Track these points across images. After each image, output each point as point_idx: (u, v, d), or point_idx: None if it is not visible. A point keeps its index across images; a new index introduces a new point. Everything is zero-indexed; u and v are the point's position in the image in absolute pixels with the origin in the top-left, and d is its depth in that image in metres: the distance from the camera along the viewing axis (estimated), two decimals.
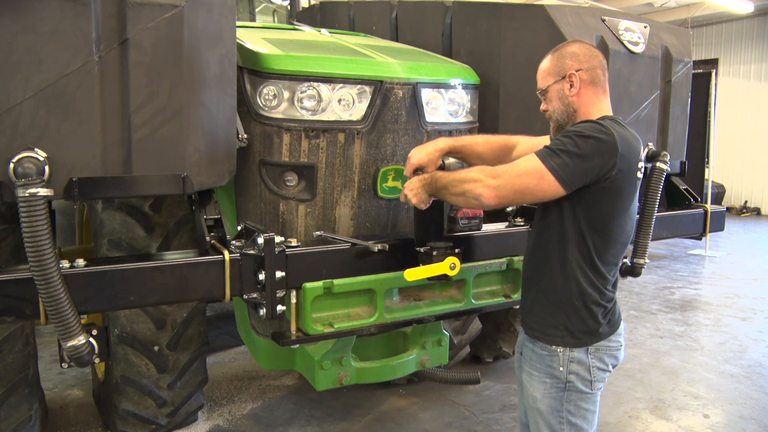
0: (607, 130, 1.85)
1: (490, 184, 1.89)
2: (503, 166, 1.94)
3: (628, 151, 1.86)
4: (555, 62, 2.03)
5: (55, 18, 1.81)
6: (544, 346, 2.00)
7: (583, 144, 1.82)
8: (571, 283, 1.95)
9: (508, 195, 1.90)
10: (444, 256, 2.34)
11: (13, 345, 2.70)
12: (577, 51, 2.02)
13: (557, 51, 2.05)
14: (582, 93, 1.99)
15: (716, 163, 10.37)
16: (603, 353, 2.00)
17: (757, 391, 3.99)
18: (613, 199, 1.90)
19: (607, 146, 1.82)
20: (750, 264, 7.88)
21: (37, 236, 1.74)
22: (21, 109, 1.81)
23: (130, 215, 2.74)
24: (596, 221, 1.91)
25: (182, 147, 2.08)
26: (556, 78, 2.02)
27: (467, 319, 3.65)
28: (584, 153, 1.81)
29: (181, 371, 3.02)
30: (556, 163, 1.82)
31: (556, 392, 1.99)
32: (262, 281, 2.19)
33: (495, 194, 1.90)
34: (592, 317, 1.96)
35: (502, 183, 1.88)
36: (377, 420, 3.56)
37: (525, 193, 1.89)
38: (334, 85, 2.53)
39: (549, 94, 2.05)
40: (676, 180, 3.64)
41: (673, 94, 3.34)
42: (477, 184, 1.92)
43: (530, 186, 1.86)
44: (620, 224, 1.95)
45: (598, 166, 1.82)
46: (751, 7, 11.13)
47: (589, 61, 2.00)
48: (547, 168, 1.82)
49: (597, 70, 2.00)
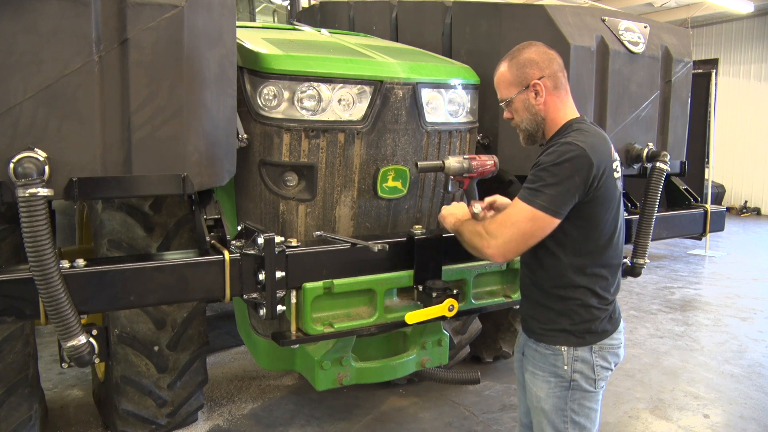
0: (576, 146, 1.86)
1: (492, 245, 1.93)
2: (496, 222, 1.95)
3: (601, 156, 1.88)
4: (515, 71, 2.03)
5: (55, 18, 1.81)
6: (547, 345, 2.01)
7: (559, 171, 1.84)
8: (570, 290, 1.96)
9: (512, 248, 1.92)
10: (443, 298, 2.42)
11: (13, 345, 2.70)
12: (535, 57, 2.01)
13: (515, 58, 2.04)
14: (548, 100, 2.00)
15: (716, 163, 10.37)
16: (606, 351, 2.01)
17: (757, 391, 3.99)
18: (598, 203, 1.91)
19: (581, 161, 1.84)
20: (750, 264, 7.87)
21: (37, 236, 1.74)
22: (21, 109, 1.81)
23: (130, 215, 2.74)
24: (585, 225, 1.93)
25: (182, 147, 2.08)
26: (520, 88, 2.02)
27: (467, 319, 3.65)
28: (563, 178, 1.84)
29: (181, 371, 3.02)
30: (543, 201, 1.85)
31: (560, 391, 1.99)
32: (262, 281, 2.19)
33: (500, 252, 1.93)
34: (594, 318, 1.97)
35: (501, 241, 1.91)
36: (377, 420, 3.56)
37: (527, 240, 1.91)
38: (334, 85, 2.53)
39: (514, 105, 2.06)
40: (676, 180, 3.64)
41: (673, 94, 3.34)
42: (483, 244, 1.96)
43: (528, 232, 1.88)
44: (608, 222, 1.95)
45: (580, 183, 1.85)
46: (751, 7, 11.12)
47: (549, 66, 2.01)
48: (536, 209, 1.85)
49: (558, 74, 2.01)
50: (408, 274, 2.52)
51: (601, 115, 3.06)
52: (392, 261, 2.47)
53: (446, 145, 2.83)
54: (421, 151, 2.74)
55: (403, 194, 2.74)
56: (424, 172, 2.68)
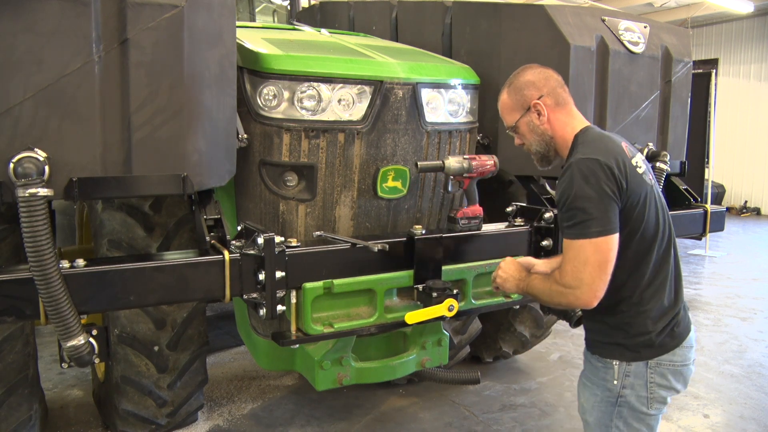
0: (586, 159, 1.80)
1: (580, 296, 1.80)
2: (567, 272, 1.81)
3: (616, 157, 1.82)
4: (514, 96, 2.02)
5: (55, 18, 1.81)
6: (600, 358, 1.93)
7: (588, 192, 1.76)
8: (621, 302, 1.88)
9: (599, 285, 1.79)
10: (443, 298, 2.42)
11: (13, 345, 2.70)
12: (532, 79, 2.00)
13: (512, 84, 2.04)
14: (552, 118, 1.98)
15: (716, 163, 10.36)
16: (666, 368, 1.88)
17: (757, 391, 3.99)
18: (633, 203, 1.83)
19: (599, 170, 1.77)
20: (750, 264, 7.87)
21: (37, 236, 1.74)
22: (21, 109, 1.81)
23: (130, 215, 2.74)
24: (627, 229, 1.83)
25: (182, 147, 2.08)
26: (522, 112, 2.00)
27: (467, 319, 3.65)
28: (597, 194, 1.76)
29: (181, 371, 3.02)
30: (594, 227, 1.75)
31: (606, 406, 1.92)
32: (262, 281, 2.18)
33: (592, 297, 1.80)
34: (649, 331, 1.86)
35: (587, 287, 1.78)
36: (377, 420, 3.56)
37: (605, 269, 1.79)
38: (334, 85, 2.53)
39: (520, 129, 2.04)
40: (676, 180, 3.64)
41: (673, 94, 3.34)
42: (571, 300, 1.83)
43: (602, 262, 1.77)
44: (646, 221, 1.86)
45: (612, 188, 1.77)
46: (751, 7, 11.12)
47: (546, 84, 1.99)
48: (593, 238, 1.75)
49: (557, 90, 1.99)
50: (408, 274, 2.51)
51: (601, 115, 3.06)
52: (392, 261, 2.47)
53: (446, 145, 2.83)
54: (421, 151, 2.74)
55: (403, 194, 2.74)
56: (424, 172, 2.68)
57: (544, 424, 3.51)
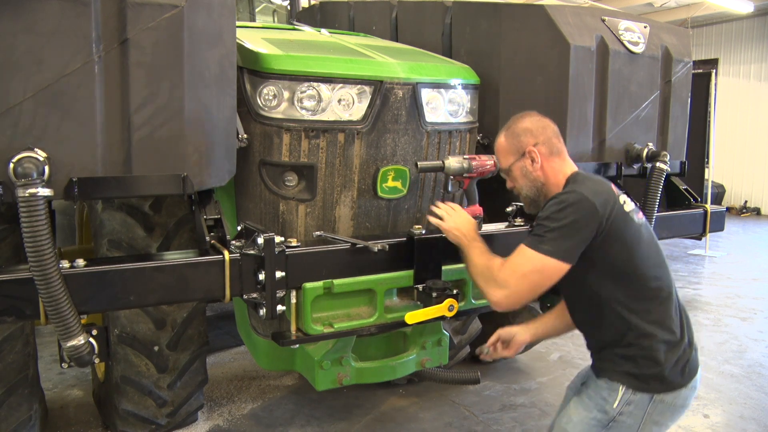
0: (575, 192, 1.87)
1: (499, 294, 1.92)
2: (505, 270, 1.92)
3: (603, 197, 1.88)
4: (511, 141, 2.08)
5: (55, 18, 1.81)
6: (607, 381, 1.94)
7: (563, 215, 1.84)
8: (629, 335, 1.90)
9: (519, 300, 1.92)
10: (443, 298, 2.42)
11: (13, 345, 2.70)
12: (529, 126, 2.07)
13: (510, 129, 2.10)
14: (545, 165, 2.04)
15: (716, 163, 10.36)
16: (666, 407, 1.91)
17: (757, 391, 3.99)
18: (617, 242, 1.88)
19: (582, 204, 1.84)
20: (750, 264, 7.87)
21: (37, 236, 1.74)
22: (21, 109, 1.81)
23: (130, 215, 2.74)
24: (616, 268, 1.90)
25: (182, 147, 2.08)
26: (516, 156, 2.07)
27: (467, 319, 3.65)
28: (568, 222, 1.83)
29: (181, 371, 3.02)
30: (551, 246, 1.84)
31: (595, 426, 1.92)
32: (262, 281, 2.18)
33: (507, 304, 1.93)
34: (659, 362, 1.88)
35: (509, 292, 1.90)
36: (377, 420, 3.56)
37: (535, 290, 1.90)
38: (334, 85, 2.53)
39: (513, 173, 2.11)
40: (676, 180, 3.64)
41: (673, 94, 3.34)
42: (490, 290, 1.95)
43: (537, 281, 1.87)
44: (639, 257, 1.91)
45: (584, 226, 1.83)
46: (751, 7, 11.12)
47: (543, 132, 2.05)
48: (543, 254, 1.84)
49: (552, 140, 2.06)
50: (408, 274, 2.51)
51: (601, 115, 3.06)
52: (392, 261, 2.47)
53: (446, 145, 2.83)
54: (421, 151, 2.74)
55: (403, 194, 2.74)
56: (424, 172, 2.68)
57: (544, 424, 3.51)
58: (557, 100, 2.93)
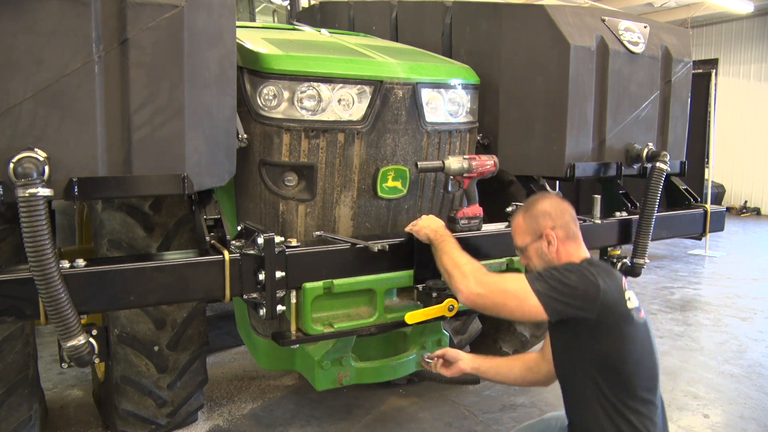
0: (587, 269, 1.95)
1: (473, 291, 1.98)
2: (493, 276, 2.02)
3: (610, 285, 1.91)
4: (529, 222, 2.12)
5: (55, 18, 1.81)
6: None
7: (567, 276, 1.91)
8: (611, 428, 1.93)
9: (486, 305, 1.99)
10: (443, 298, 2.42)
11: (13, 345, 2.70)
12: (548, 209, 2.11)
13: (529, 210, 2.14)
14: (560, 248, 2.08)
15: (716, 163, 10.36)
16: None
17: (757, 391, 3.99)
18: (612, 336, 1.90)
19: (590, 279, 1.90)
20: (750, 264, 7.87)
21: (37, 236, 1.74)
22: (21, 109, 1.81)
23: (130, 215, 2.74)
24: (608, 363, 1.91)
25: (182, 147, 2.08)
26: (534, 237, 2.11)
27: (467, 319, 3.65)
28: (568, 282, 1.89)
29: (181, 371, 3.02)
30: (542, 287, 1.89)
31: None
32: (262, 281, 2.19)
33: (472, 301, 1.99)
34: None
35: (484, 293, 1.97)
36: (377, 420, 3.56)
37: (503, 308, 1.97)
38: (334, 85, 2.53)
39: (528, 252, 2.14)
40: (676, 180, 3.64)
41: (673, 94, 3.34)
42: (462, 281, 2.02)
43: (510, 304, 1.94)
44: (633, 361, 1.93)
45: (582, 298, 1.87)
46: (751, 7, 11.12)
47: (561, 217, 2.09)
48: (533, 289, 1.89)
49: (569, 225, 2.10)
50: (408, 274, 2.52)
51: (601, 115, 3.06)
52: (392, 261, 2.47)
53: (446, 145, 2.83)
54: (421, 151, 2.74)
55: (403, 194, 2.74)
56: (424, 172, 2.68)
57: None
58: (557, 100, 2.93)
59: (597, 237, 3.07)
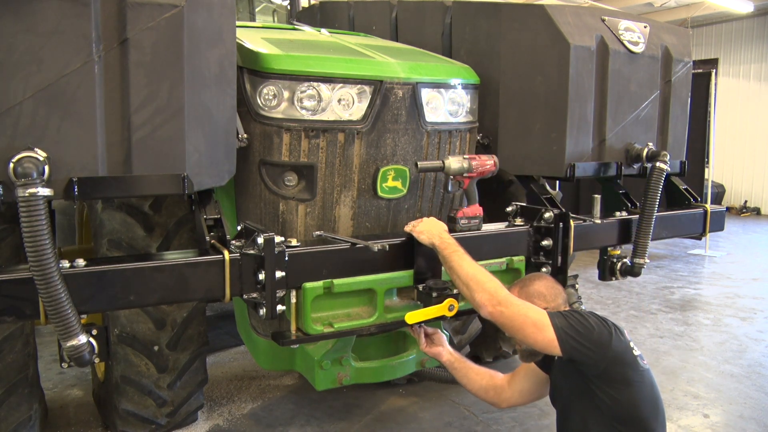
0: (602, 319, 2.04)
1: (496, 308, 2.03)
2: (517, 300, 2.06)
3: (619, 336, 2.01)
4: (524, 299, 2.15)
5: (55, 18, 1.81)
6: None
7: (588, 317, 2.02)
8: None
9: (504, 323, 2.04)
10: (443, 298, 2.42)
11: (13, 345, 2.70)
12: (543, 291, 2.19)
13: (524, 288, 2.21)
14: None
15: (716, 163, 10.36)
16: None
17: (757, 391, 3.99)
18: (620, 381, 1.98)
19: (605, 328, 2.00)
20: (750, 264, 7.87)
21: (37, 236, 1.74)
22: (21, 109, 1.81)
23: (130, 215, 2.74)
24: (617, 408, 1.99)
25: (182, 147, 2.08)
26: None
27: (467, 319, 3.65)
28: (587, 324, 1.98)
29: (181, 371, 3.02)
30: (561, 323, 1.97)
31: None
32: (262, 281, 2.18)
33: (494, 317, 2.03)
34: None
35: (505, 312, 2.01)
36: (377, 420, 3.56)
37: (519, 332, 2.01)
38: (334, 85, 2.53)
39: None
40: (676, 180, 3.64)
41: (673, 94, 3.34)
42: (484, 296, 2.05)
43: (527, 330, 1.99)
44: (640, 402, 2.00)
45: (596, 340, 1.95)
46: (751, 7, 11.12)
47: (555, 299, 2.18)
48: (552, 323, 1.96)
49: (562, 308, 2.17)
50: (408, 274, 2.52)
51: (601, 114, 3.06)
52: (392, 261, 2.47)
53: (446, 145, 2.83)
54: (421, 151, 2.74)
55: (403, 194, 2.74)
56: (424, 172, 2.68)
57: (543, 424, 3.51)
58: (557, 100, 2.93)
59: (597, 237, 3.07)
